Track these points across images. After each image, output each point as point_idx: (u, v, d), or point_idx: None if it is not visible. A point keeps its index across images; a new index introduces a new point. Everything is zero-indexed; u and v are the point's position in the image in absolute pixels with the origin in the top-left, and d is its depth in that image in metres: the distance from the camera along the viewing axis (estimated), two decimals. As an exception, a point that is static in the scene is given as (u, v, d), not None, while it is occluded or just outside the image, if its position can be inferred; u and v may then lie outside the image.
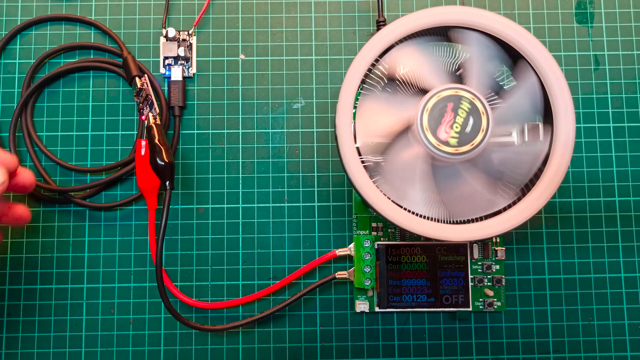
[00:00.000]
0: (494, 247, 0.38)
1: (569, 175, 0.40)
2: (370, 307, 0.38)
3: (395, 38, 0.32)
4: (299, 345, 0.38)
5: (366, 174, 0.31)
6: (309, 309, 0.39)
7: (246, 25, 0.41)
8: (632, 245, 0.39)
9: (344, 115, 0.31)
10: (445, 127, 0.30)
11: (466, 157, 0.30)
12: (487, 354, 0.38)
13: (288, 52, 0.41)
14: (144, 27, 0.41)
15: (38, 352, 0.38)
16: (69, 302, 0.38)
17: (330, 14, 0.41)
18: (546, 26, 0.41)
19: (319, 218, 0.39)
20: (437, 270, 0.37)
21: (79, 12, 0.41)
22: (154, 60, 0.41)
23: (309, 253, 0.39)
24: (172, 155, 0.34)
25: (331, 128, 0.40)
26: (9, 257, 0.39)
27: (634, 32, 0.41)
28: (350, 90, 0.31)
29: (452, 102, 0.30)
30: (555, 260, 0.39)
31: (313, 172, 0.40)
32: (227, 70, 0.41)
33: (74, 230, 0.39)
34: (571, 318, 0.39)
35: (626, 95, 0.41)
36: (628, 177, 0.40)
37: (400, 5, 0.42)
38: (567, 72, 0.41)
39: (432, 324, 0.39)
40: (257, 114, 0.40)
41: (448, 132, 0.30)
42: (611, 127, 0.40)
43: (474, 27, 0.32)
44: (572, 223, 0.40)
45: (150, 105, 0.37)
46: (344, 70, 0.41)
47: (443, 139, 0.30)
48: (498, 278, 0.38)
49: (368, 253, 0.37)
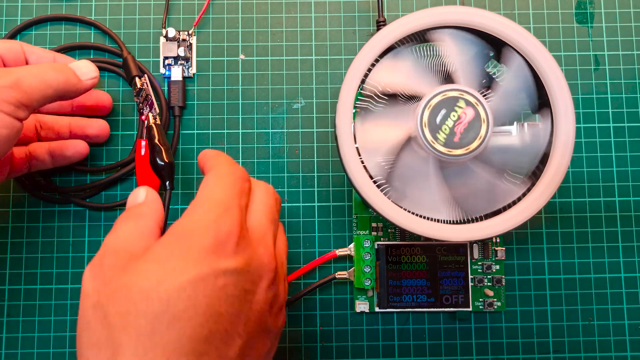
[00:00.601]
0: (494, 247, 0.38)
1: (569, 175, 0.40)
2: (370, 307, 0.38)
3: (395, 38, 0.32)
4: (299, 345, 0.38)
5: (366, 174, 0.31)
6: (309, 309, 0.39)
7: (246, 25, 0.41)
8: (632, 245, 0.39)
9: (344, 115, 0.31)
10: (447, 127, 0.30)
11: (475, 153, 0.30)
12: (487, 354, 0.38)
13: (288, 52, 0.41)
14: (144, 27, 0.41)
15: (38, 352, 0.38)
16: (68, 302, 0.38)
17: (330, 14, 0.41)
18: (546, 26, 0.41)
19: (319, 218, 0.39)
20: (437, 270, 0.37)
21: (79, 12, 0.41)
22: (154, 60, 0.41)
23: (309, 253, 0.39)
24: (172, 155, 0.34)
25: (331, 128, 0.40)
26: (9, 257, 0.39)
27: (634, 32, 0.41)
28: (350, 90, 0.31)
29: (447, 105, 0.30)
30: (555, 260, 0.39)
31: (313, 172, 0.40)
32: (227, 70, 0.41)
33: (74, 230, 0.39)
34: (571, 318, 0.39)
35: (626, 95, 0.41)
36: (628, 177, 0.40)
37: (400, 5, 0.42)
38: (567, 72, 0.41)
39: (432, 324, 0.39)
40: (257, 114, 0.40)
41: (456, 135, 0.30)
42: (611, 127, 0.40)
43: (474, 27, 0.31)
44: (572, 223, 0.40)
45: (150, 105, 0.37)
46: (344, 70, 0.41)
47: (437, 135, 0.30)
48: (498, 278, 0.38)
49: (368, 253, 0.37)
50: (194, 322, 0.23)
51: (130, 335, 0.23)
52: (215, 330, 0.24)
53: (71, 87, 0.32)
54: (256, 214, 0.29)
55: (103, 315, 0.24)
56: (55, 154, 0.37)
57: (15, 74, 0.29)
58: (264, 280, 0.27)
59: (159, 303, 0.23)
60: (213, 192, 0.27)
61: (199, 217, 0.26)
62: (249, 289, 0.26)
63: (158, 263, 0.24)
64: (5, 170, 0.35)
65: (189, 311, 0.23)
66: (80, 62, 0.34)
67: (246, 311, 0.25)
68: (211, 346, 0.24)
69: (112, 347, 0.23)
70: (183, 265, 0.24)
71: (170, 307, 0.23)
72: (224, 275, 0.25)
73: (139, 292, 0.24)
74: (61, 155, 0.37)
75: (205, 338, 0.23)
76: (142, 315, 0.23)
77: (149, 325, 0.23)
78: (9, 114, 0.28)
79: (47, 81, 0.30)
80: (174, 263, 0.24)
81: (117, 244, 0.26)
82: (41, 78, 0.30)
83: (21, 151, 0.36)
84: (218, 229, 0.25)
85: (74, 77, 0.32)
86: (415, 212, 0.31)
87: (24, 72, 0.29)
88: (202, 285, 0.24)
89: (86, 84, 0.33)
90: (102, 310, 0.24)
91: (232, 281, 0.25)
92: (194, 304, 0.23)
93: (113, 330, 0.23)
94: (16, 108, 0.28)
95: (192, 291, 0.24)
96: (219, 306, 0.24)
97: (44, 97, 0.30)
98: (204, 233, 0.25)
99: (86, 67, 0.33)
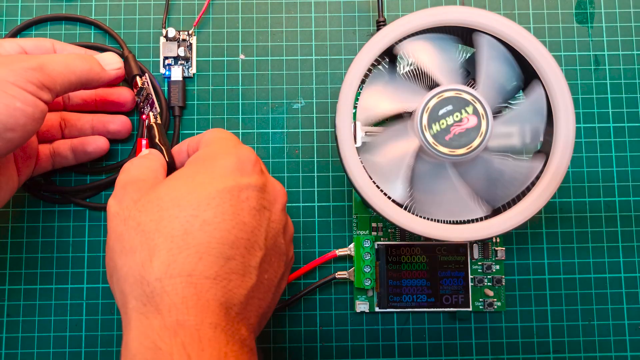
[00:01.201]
0: (494, 247, 0.38)
1: (569, 175, 0.40)
2: (370, 307, 0.38)
3: (395, 38, 0.32)
4: (299, 345, 0.38)
5: (366, 174, 0.31)
6: (309, 309, 0.39)
7: (246, 25, 0.41)
8: (632, 245, 0.39)
9: (344, 115, 0.31)
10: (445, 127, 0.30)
11: (460, 159, 0.30)
12: (487, 354, 0.38)
13: (288, 52, 0.41)
14: (144, 27, 0.41)
15: (38, 352, 0.38)
16: (69, 302, 0.38)
17: (330, 14, 0.41)
18: (546, 26, 0.41)
19: (319, 218, 0.39)
20: (437, 270, 0.37)
21: (79, 12, 0.41)
22: (154, 60, 0.41)
23: (309, 253, 0.39)
24: (172, 155, 0.34)
25: (331, 128, 0.40)
26: (9, 257, 0.39)
27: (634, 32, 0.41)
28: (350, 90, 0.31)
29: (455, 103, 0.30)
30: (555, 260, 0.39)
31: (313, 172, 0.40)
32: (227, 70, 0.41)
33: (74, 230, 0.39)
34: (571, 318, 0.39)
35: (626, 95, 0.41)
36: (628, 177, 0.40)
37: (400, 5, 0.42)
38: (567, 72, 0.41)
39: (432, 324, 0.39)
40: (257, 114, 0.40)
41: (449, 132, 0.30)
42: (611, 127, 0.40)
43: (474, 27, 0.32)
44: (572, 223, 0.40)
45: (150, 104, 0.37)
46: (344, 70, 0.41)
47: (441, 139, 0.30)
48: (498, 278, 0.38)
49: (368, 253, 0.37)
50: (222, 227, 0.26)
51: (165, 237, 0.25)
52: (240, 237, 0.26)
53: (94, 75, 0.33)
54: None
55: (136, 224, 0.26)
56: (77, 150, 0.37)
57: (40, 59, 0.30)
58: (278, 203, 0.29)
59: (190, 208, 0.26)
60: (220, 134, 0.31)
61: (218, 146, 0.29)
62: (267, 207, 0.28)
63: (187, 178, 0.27)
64: (31, 164, 0.36)
65: (218, 217, 0.26)
66: (105, 54, 0.36)
67: (265, 226, 0.28)
68: (237, 251, 0.26)
69: (147, 248, 0.25)
70: (210, 179, 0.27)
71: (201, 212, 0.26)
72: (247, 189, 0.27)
73: (170, 201, 0.26)
74: (83, 151, 0.37)
75: (232, 243, 0.26)
76: (175, 219, 0.25)
77: (182, 228, 0.25)
78: (32, 93, 0.29)
79: (70, 67, 0.32)
80: (201, 177, 0.27)
81: (132, 177, 0.29)
82: (65, 64, 0.31)
83: (46, 148, 0.37)
84: (238, 153, 0.28)
85: (98, 67, 0.34)
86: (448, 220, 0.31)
87: (49, 58, 0.31)
88: (228, 196, 0.26)
89: (110, 74, 0.35)
90: (135, 221, 0.26)
91: (254, 195, 0.27)
92: (222, 211, 0.26)
93: (148, 235, 0.25)
94: (38, 89, 0.29)
95: (220, 199, 0.26)
96: (242, 216, 0.26)
97: (68, 83, 0.32)
98: (226, 155, 0.28)
99: (110, 58, 0.36)
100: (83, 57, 0.33)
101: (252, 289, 0.26)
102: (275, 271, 0.29)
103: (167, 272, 0.24)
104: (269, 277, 0.28)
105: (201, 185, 0.27)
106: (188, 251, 0.25)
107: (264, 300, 0.28)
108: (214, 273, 0.25)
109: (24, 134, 0.29)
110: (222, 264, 0.25)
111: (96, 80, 0.34)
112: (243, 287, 0.26)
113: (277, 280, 0.29)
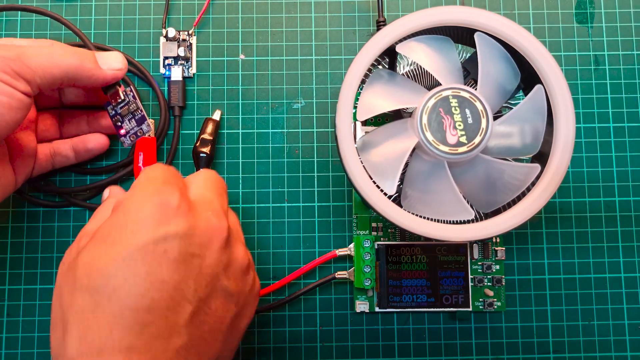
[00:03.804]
0: (494, 247, 0.38)
1: (569, 175, 0.40)
2: (370, 307, 0.38)
3: (395, 38, 0.32)
4: (299, 345, 0.38)
5: (366, 174, 0.31)
6: (309, 309, 0.39)
7: (246, 25, 0.41)
8: (632, 245, 0.39)
9: (344, 115, 0.31)
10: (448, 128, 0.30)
11: (460, 158, 0.30)
12: (487, 354, 0.38)
13: (288, 52, 0.41)
14: (144, 27, 0.41)
15: (38, 352, 0.38)
16: (69, 302, 0.38)
17: (330, 14, 0.41)
18: (546, 26, 0.41)
19: (319, 218, 0.39)
20: (437, 270, 0.37)
21: (79, 12, 0.41)
22: (154, 60, 0.41)
23: (309, 253, 0.39)
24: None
25: (331, 128, 0.40)
26: (9, 257, 0.39)
27: (634, 32, 0.41)
28: (350, 90, 0.31)
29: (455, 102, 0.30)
30: (555, 260, 0.39)
31: (313, 172, 0.40)
32: (227, 70, 0.41)
33: (74, 231, 0.39)
34: (571, 318, 0.39)
35: (626, 95, 0.41)
36: (628, 177, 0.40)
37: (400, 5, 0.42)
38: (567, 72, 0.41)
39: (432, 324, 0.39)
40: (257, 114, 0.40)
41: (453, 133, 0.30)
42: (611, 127, 0.40)
43: (474, 27, 0.32)
44: (572, 223, 0.40)
45: (139, 120, 0.36)
46: (344, 70, 0.41)
47: (441, 138, 0.30)
48: (498, 278, 0.38)
49: (368, 253, 0.37)
50: (134, 291, 0.23)
51: (75, 312, 0.24)
52: (158, 298, 0.24)
53: (85, 72, 0.32)
54: (198, 187, 0.29)
55: (59, 295, 0.25)
56: (77, 148, 0.37)
57: (22, 49, 0.29)
58: (215, 243, 0.26)
59: (99, 277, 0.23)
60: (150, 172, 0.28)
61: (139, 192, 0.26)
62: (197, 253, 0.25)
63: (100, 239, 0.25)
64: (30, 164, 0.35)
65: (128, 281, 0.23)
66: (110, 53, 0.34)
67: (194, 276, 0.25)
68: (155, 315, 0.23)
69: (62, 326, 0.24)
70: (120, 237, 0.24)
71: (110, 279, 0.23)
72: (165, 240, 0.24)
73: (82, 268, 0.24)
74: (84, 148, 0.37)
75: (147, 307, 0.23)
76: (85, 290, 0.24)
77: (92, 300, 0.23)
78: (6, 82, 0.28)
79: (54, 60, 0.30)
80: (113, 236, 0.25)
81: (87, 229, 0.28)
82: (49, 56, 0.30)
83: (45, 148, 0.37)
84: (157, 198, 0.25)
85: (91, 63, 0.32)
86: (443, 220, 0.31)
87: (32, 49, 0.30)
88: (140, 254, 0.24)
89: (106, 73, 0.33)
90: (59, 291, 0.25)
91: (175, 246, 0.25)
92: (133, 274, 0.23)
93: (64, 309, 0.24)
94: (13, 78, 0.28)
95: (131, 261, 0.24)
96: (160, 273, 0.24)
97: (51, 75, 0.30)
98: (142, 204, 0.25)
99: (112, 57, 0.34)
100: (75, 52, 0.32)
101: (185, 347, 0.24)
102: (220, 317, 0.26)
103: (79, 350, 0.23)
104: (211, 327, 0.26)
105: (111, 246, 0.24)
106: (98, 326, 0.23)
107: (211, 349, 0.26)
108: (128, 344, 0.23)
109: (3, 124, 0.28)
110: (138, 333, 0.23)
111: (87, 77, 0.32)
112: (170, 350, 0.24)
113: (225, 325, 0.27)
